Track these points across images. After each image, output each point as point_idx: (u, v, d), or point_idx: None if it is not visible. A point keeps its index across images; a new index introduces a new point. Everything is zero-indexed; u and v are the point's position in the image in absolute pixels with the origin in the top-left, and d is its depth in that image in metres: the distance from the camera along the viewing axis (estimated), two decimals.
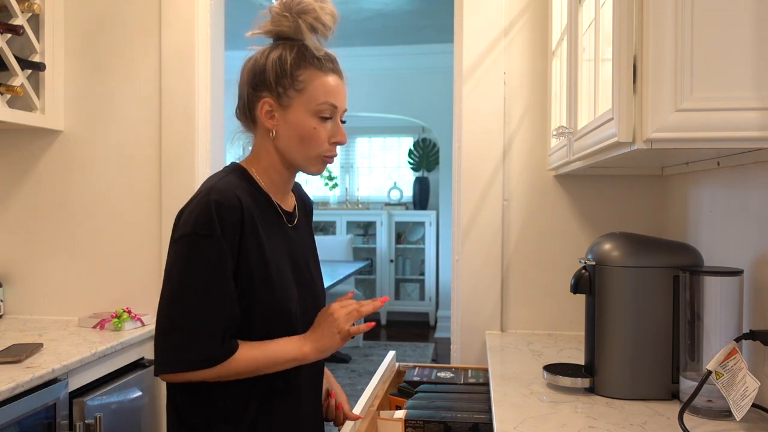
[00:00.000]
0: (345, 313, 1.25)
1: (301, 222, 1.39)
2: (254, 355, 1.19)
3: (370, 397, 1.63)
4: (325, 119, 1.26)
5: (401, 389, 1.83)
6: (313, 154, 1.27)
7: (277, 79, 1.25)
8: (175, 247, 1.18)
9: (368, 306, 1.27)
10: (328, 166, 1.35)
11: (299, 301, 1.29)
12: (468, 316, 2.18)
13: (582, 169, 1.73)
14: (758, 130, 1.00)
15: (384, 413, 1.55)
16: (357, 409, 1.51)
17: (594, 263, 1.45)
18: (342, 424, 1.45)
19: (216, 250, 1.15)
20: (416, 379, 1.85)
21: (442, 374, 1.90)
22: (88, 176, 2.32)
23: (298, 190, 1.45)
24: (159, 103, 2.27)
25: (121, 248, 2.30)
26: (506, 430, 1.22)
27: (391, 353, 1.94)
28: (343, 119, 1.32)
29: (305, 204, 1.46)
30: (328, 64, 1.27)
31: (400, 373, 1.96)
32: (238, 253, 1.18)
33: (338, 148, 1.31)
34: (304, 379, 1.30)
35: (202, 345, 1.14)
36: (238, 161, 1.34)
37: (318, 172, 1.33)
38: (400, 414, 1.53)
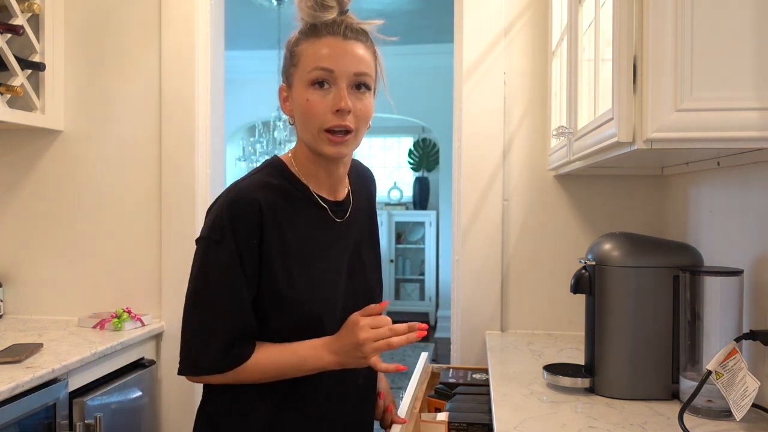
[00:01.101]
0: (374, 339, 1.14)
1: (360, 210, 1.31)
2: (271, 361, 1.15)
3: (412, 400, 1.59)
4: (321, 86, 1.13)
5: (438, 391, 1.81)
6: (315, 131, 1.15)
7: (286, 62, 1.21)
8: (196, 248, 1.17)
9: (401, 339, 1.15)
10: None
11: (348, 296, 1.23)
12: (468, 316, 2.18)
13: (582, 169, 1.73)
14: (758, 130, 1.00)
15: (425, 416, 1.53)
16: (401, 412, 1.46)
17: (594, 263, 1.45)
18: (389, 427, 1.38)
19: (227, 257, 1.12)
20: (452, 380, 1.85)
21: (477, 376, 1.91)
22: (88, 176, 2.32)
23: (358, 172, 1.35)
24: (159, 103, 2.27)
25: (121, 248, 2.30)
26: (506, 430, 1.22)
27: (424, 354, 1.93)
28: (366, 84, 1.17)
29: (365, 183, 1.36)
30: (324, 30, 1.15)
31: (434, 375, 1.96)
32: (259, 255, 1.14)
33: (352, 118, 1.15)
34: (329, 379, 1.22)
35: (209, 355, 1.13)
36: (281, 155, 1.27)
37: (332, 153, 1.16)
38: (442, 416, 1.51)
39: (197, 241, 1.17)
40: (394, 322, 1.18)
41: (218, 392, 1.22)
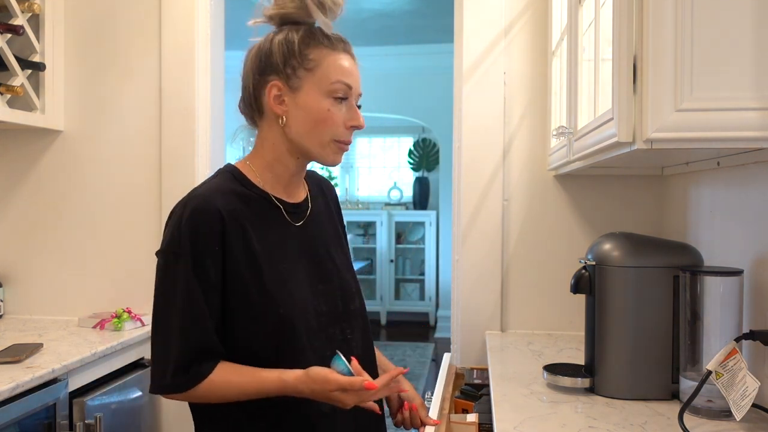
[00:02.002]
0: (354, 400, 1.11)
1: (320, 212, 1.31)
2: (232, 379, 1.12)
3: (441, 401, 1.58)
4: (339, 101, 1.17)
5: (464, 392, 1.81)
6: (327, 139, 1.17)
7: (285, 59, 1.17)
8: (157, 261, 1.15)
9: (380, 393, 1.12)
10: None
11: (322, 300, 1.21)
12: (468, 316, 2.18)
13: (582, 169, 1.73)
14: (758, 130, 1.00)
15: (455, 417, 1.53)
16: (431, 414, 1.44)
17: (594, 263, 1.45)
18: (420, 427, 1.35)
19: (182, 272, 1.10)
20: (477, 381, 1.85)
21: None
22: (88, 176, 2.32)
23: (313, 178, 1.36)
24: (159, 103, 2.27)
25: (121, 248, 2.30)
26: (506, 430, 1.22)
27: (447, 355, 1.92)
28: (359, 104, 1.23)
29: (323, 189, 1.36)
30: (340, 44, 1.19)
31: (458, 376, 1.95)
32: (223, 263, 1.12)
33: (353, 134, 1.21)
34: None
35: (168, 372, 1.11)
36: (234, 162, 1.26)
37: (335, 162, 1.21)
38: (472, 417, 1.51)
39: (157, 254, 1.15)
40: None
41: (209, 421, 1.19)
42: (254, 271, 1.14)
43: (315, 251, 1.25)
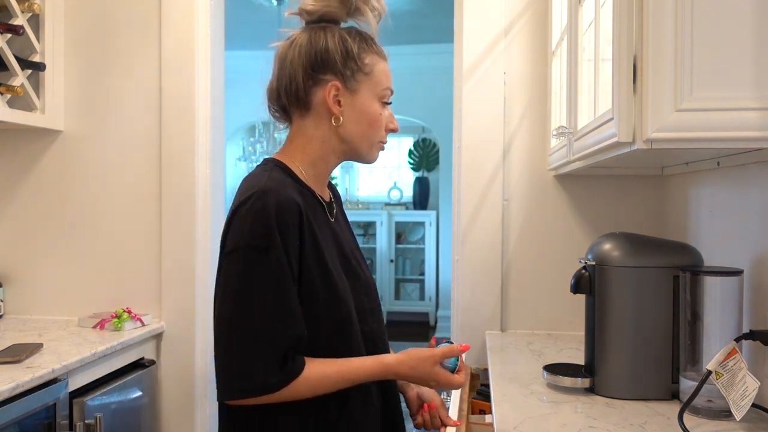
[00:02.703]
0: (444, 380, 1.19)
1: (338, 210, 1.33)
2: (325, 371, 1.11)
3: (459, 402, 1.58)
4: (384, 105, 1.24)
5: (481, 392, 1.80)
6: (375, 140, 1.25)
7: (345, 61, 1.18)
8: (228, 262, 1.09)
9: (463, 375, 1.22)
10: None
11: (356, 295, 1.21)
12: (468, 316, 2.18)
13: (582, 169, 1.73)
14: (758, 130, 1.00)
15: (473, 418, 1.52)
16: (451, 415, 1.44)
17: (594, 263, 1.45)
18: (440, 428, 1.35)
19: (276, 265, 1.06)
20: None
21: None
22: (88, 176, 2.32)
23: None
24: (159, 103, 2.27)
25: (121, 248, 2.30)
26: (506, 430, 1.22)
27: (462, 356, 1.92)
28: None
29: (334, 191, 1.38)
30: (383, 51, 1.25)
31: (473, 376, 1.95)
32: (300, 259, 1.10)
33: None
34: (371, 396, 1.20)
35: (259, 372, 1.05)
36: (272, 157, 1.25)
37: (375, 160, 1.29)
38: (491, 418, 1.50)
39: (230, 253, 1.09)
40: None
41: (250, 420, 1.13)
42: (321, 267, 1.13)
43: (345, 248, 1.25)
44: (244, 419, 1.12)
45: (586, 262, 1.48)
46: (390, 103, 1.26)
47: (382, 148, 1.28)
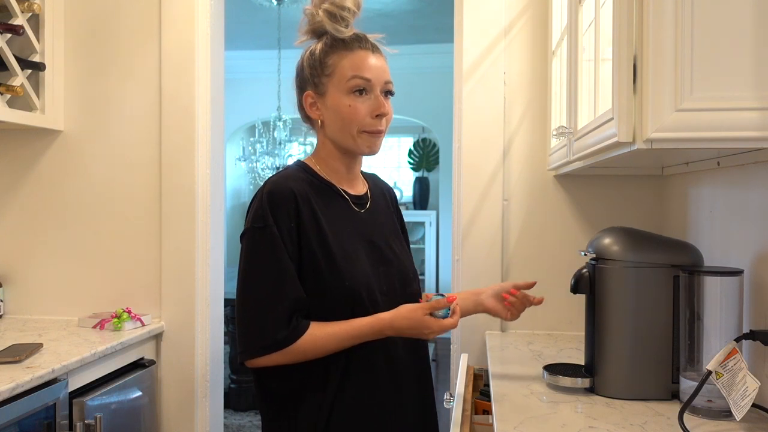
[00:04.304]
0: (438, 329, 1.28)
1: (380, 207, 1.44)
2: (328, 330, 1.23)
3: (462, 403, 1.58)
4: (360, 93, 1.30)
5: (484, 393, 1.80)
6: (354, 132, 1.31)
7: (312, 71, 1.33)
8: (241, 245, 1.28)
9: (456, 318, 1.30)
10: None
11: (383, 280, 1.33)
12: (468, 316, 2.17)
13: (582, 169, 1.73)
14: (758, 130, 1.00)
15: (477, 418, 1.52)
16: (454, 416, 1.45)
17: (594, 256, 1.45)
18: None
19: (270, 239, 1.23)
20: None
21: None
22: (88, 176, 2.32)
23: (375, 180, 1.51)
24: (159, 103, 2.27)
25: (121, 248, 2.30)
26: (506, 430, 1.22)
27: (465, 356, 1.92)
28: (392, 91, 1.34)
29: (383, 191, 1.51)
30: (355, 43, 1.32)
31: (476, 377, 1.95)
32: (298, 237, 1.25)
33: (384, 121, 1.32)
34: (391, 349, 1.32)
35: (269, 330, 1.21)
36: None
37: (370, 150, 1.34)
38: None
39: (241, 237, 1.28)
40: None
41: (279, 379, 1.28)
42: (324, 247, 1.27)
43: (376, 237, 1.37)
44: (280, 402, 1.29)
45: (586, 254, 1.48)
46: (366, 90, 1.30)
47: (375, 137, 1.32)
